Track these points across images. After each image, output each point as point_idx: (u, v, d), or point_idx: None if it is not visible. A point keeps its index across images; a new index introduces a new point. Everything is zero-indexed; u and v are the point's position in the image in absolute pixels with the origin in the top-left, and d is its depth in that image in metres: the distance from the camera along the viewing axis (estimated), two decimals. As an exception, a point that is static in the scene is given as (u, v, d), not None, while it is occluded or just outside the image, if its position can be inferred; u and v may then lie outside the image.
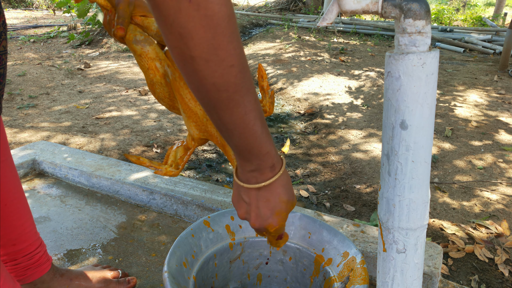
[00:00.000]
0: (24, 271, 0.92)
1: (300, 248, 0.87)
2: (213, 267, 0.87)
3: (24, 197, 0.91)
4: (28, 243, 0.91)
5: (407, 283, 0.55)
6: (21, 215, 0.89)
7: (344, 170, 2.18)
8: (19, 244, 0.89)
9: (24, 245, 0.90)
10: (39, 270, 0.94)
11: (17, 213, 0.88)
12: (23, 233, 0.90)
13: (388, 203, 0.53)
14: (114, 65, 4.25)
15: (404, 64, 0.46)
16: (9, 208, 0.86)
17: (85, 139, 2.40)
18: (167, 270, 0.71)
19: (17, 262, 0.90)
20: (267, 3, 9.53)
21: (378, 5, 0.46)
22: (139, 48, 0.75)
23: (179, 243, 0.80)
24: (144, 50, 0.76)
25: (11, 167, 0.86)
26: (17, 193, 0.88)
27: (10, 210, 0.86)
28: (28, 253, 0.91)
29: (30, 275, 0.93)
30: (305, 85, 3.76)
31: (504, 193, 1.88)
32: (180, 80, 0.76)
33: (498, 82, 3.70)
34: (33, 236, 0.93)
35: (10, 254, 0.89)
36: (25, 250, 0.91)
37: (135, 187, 1.43)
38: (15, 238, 0.89)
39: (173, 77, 0.77)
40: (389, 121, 0.50)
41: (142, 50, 0.75)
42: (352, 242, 0.81)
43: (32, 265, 0.92)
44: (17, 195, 0.88)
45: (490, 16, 8.51)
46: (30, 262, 0.92)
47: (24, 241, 0.90)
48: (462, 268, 1.41)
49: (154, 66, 0.77)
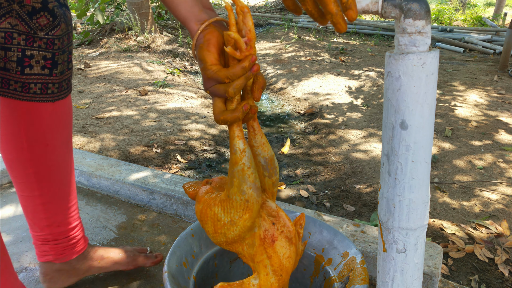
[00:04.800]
0: (62, 250, 0.97)
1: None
2: (213, 267, 0.87)
3: (74, 182, 0.96)
4: (70, 226, 0.97)
5: (407, 283, 0.55)
6: (70, 199, 0.95)
7: (344, 170, 2.18)
8: (63, 226, 0.95)
9: (67, 227, 0.96)
10: (76, 251, 0.99)
11: (67, 197, 0.94)
12: (68, 216, 0.95)
13: (388, 203, 0.53)
14: (114, 65, 4.25)
15: (404, 64, 0.46)
16: (62, 191, 0.92)
17: (85, 139, 2.40)
18: (167, 270, 0.71)
19: (58, 242, 0.96)
20: (267, 3, 9.53)
21: (378, 5, 0.46)
22: (254, 197, 0.61)
23: (179, 243, 0.80)
24: (258, 201, 0.63)
25: (70, 154, 0.91)
26: (70, 178, 0.93)
27: (63, 194, 0.92)
28: (69, 235, 0.97)
29: (68, 255, 0.98)
30: (305, 85, 3.76)
31: (504, 193, 1.88)
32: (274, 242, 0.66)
33: (498, 82, 3.70)
34: (75, 219, 0.98)
35: (54, 234, 0.94)
36: (66, 232, 0.96)
37: (135, 187, 1.43)
38: (61, 220, 0.94)
39: (265, 233, 0.66)
40: (389, 121, 0.50)
41: (256, 200, 0.62)
42: (352, 242, 0.81)
43: (70, 246, 0.98)
44: (70, 179, 0.93)
45: (490, 16, 8.51)
46: (69, 243, 0.97)
47: (68, 224, 0.96)
48: (462, 268, 1.41)
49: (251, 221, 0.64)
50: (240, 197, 0.60)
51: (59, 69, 0.78)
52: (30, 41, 0.72)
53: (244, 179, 0.60)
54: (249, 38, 0.53)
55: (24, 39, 0.71)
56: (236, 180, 0.60)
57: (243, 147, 0.59)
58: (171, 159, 2.27)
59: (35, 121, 0.81)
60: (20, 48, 0.71)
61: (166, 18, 6.55)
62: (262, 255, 0.66)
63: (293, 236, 0.67)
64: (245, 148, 0.60)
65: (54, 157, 0.87)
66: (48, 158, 0.86)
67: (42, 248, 0.96)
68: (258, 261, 0.66)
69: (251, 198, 0.60)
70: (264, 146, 0.66)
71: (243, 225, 0.62)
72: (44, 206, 0.91)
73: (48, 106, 0.81)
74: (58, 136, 0.86)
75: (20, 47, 0.71)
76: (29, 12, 0.70)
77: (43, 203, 0.90)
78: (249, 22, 0.54)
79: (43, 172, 0.87)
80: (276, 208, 0.68)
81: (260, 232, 0.65)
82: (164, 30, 5.85)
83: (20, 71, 0.73)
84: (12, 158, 0.85)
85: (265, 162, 0.67)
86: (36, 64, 0.74)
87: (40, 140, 0.84)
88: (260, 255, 0.66)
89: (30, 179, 0.87)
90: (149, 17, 5.32)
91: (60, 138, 0.87)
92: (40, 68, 0.75)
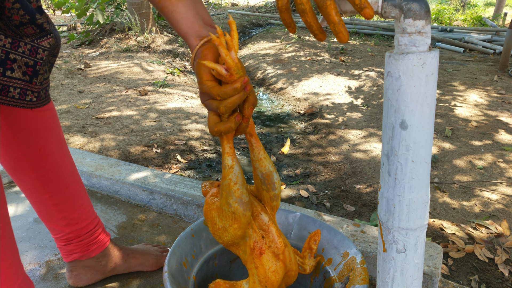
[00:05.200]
0: (87, 246, 1.01)
1: (300, 247, 0.87)
2: (213, 267, 0.87)
3: (81, 180, 1.00)
4: (89, 221, 1.01)
5: (407, 283, 0.55)
6: (80, 196, 0.98)
7: (344, 170, 2.18)
8: (81, 222, 0.99)
9: (86, 223, 1.00)
10: (100, 245, 1.03)
11: (77, 194, 0.97)
12: (83, 212, 0.99)
13: (388, 203, 0.53)
14: (114, 65, 4.25)
15: (404, 64, 0.46)
16: (70, 190, 0.95)
17: (85, 139, 2.40)
18: (167, 270, 0.71)
19: (81, 239, 1.00)
20: (267, 3, 9.53)
21: (378, 5, 0.46)
22: (240, 211, 0.64)
23: (179, 243, 0.80)
24: (245, 214, 0.65)
25: (68, 154, 0.95)
26: (75, 177, 0.97)
27: (71, 192, 0.96)
28: (89, 230, 1.01)
29: (93, 250, 1.02)
30: (305, 85, 3.76)
31: (504, 193, 1.88)
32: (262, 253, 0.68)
33: (498, 82, 3.70)
34: (92, 215, 1.02)
35: (75, 232, 0.98)
36: (86, 228, 1.00)
37: (135, 187, 1.43)
38: (77, 217, 0.98)
39: (254, 245, 0.68)
40: (389, 121, 0.50)
41: (242, 213, 0.64)
42: (352, 242, 0.81)
43: (93, 241, 1.02)
44: (75, 178, 0.97)
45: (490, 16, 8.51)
46: (92, 238, 1.01)
47: (85, 220, 0.99)
48: (462, 268, 1.41)
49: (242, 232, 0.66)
50: (227, 209, 0.64)
51: (39, 78, 0.81)
52: (15, 45, 0.74)
53: (230, 193, 0.63)
54: (228, 67, 0.55)
55: (10, 42, 0.73)
56: (224, 193, 0.64)
57: (231, 163, 0.63)
58: (171, 159, 2.27)
59: (20, 128, 0.83)
60: (4, 51, 0.73)
61: (166, 18, 6.54)
62: (251, 264, 0.69)
63: (281, 253, 0.69)
64: (233, 165, 0.63)
65: (50, 160, 0.90)
66: (45, 161, 0.89)
67: (67, 248, 1.00)
68: (249, 268, 0.69)
69: (237, 211, 0.64)
70: (262, 161, 0.69)
71: (233, 233, 0.65)
72: (57, 207, 0.94)
73: (29, 112, 0.83)
74: (49, 140, 0.89)
75: (5, 49, 0.73)
76: (16, 25, 0.72)
77: (55, 204, 0.94)
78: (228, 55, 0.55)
79: (45, 175, 0.90)
80: (267, 223, 0.70)
81: (250, 242, 0.68)
82: (164, 30, 5.84)
83: (1, 73, 0.74)
84: (13, 168, 0.88)
85: (263, 177, 0.69)
86: (18, 69, 0.76)
87: (31, 146, 0.86)
88: (250, 263, 0.69)
89: (35, 184, 0.90)
90: (149, 17, 5.32)
91: (52, 141, 0.89)
92: (21, 73, 0.77)
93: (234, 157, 0.63)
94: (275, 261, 0.69)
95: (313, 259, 0.80)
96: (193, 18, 0.60)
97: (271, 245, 0.69)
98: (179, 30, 0.61)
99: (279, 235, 0.69)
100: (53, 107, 0.91)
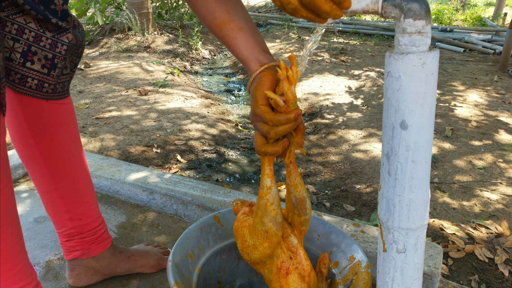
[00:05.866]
0: (88, 245, 1.01)
1: (309, 249, 0.87)
2: (221, 261, 0.87)
3: (90, 179, 1.01)
4: (92, 219, 1.01)
5: (407, 283, 0.55)
6: (87, 192, 0.99)
7: (344, 170, 2.18)
8: (85, 219, 0.99)
9: (89, 220, 1.00)
10: (102, 246, 1.04)
11: (84, 190, 0.98)
12: (88, 209, 1.00)
13: (388, 203, 0.53)
14: (114, 65, 4.25)
15: (404, 64, 0.46)
16: (77, 185, 0.96)
17: (85, 139, 2.40)
18: (171, 259, 0.72)
19: (83, 236, 1.00)
20: (267, 3, 9.53)
21: (378, 5, 0.46)
22: (273, 230, 0.67)
23: (187, 235, 0.80)
24: (277, 234, 0.68)
25: (79, 149, 0.97)
26: (83, 173, 0.98)
27: (78, 187, 0.97)
28: (92, 228, 1.01)
29: (94, 249, 1.02)
30: (305, 85, 3.76)
31: (504, 193, 1.88)
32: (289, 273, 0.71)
33: (498, 82, 3.70)
34: (96, 214, 1.03)
35: (77, 228, 0.99)
36: (89, 225, 1.01)
37: (135, 187, 1.43)
38: (81, 213, 0.99)
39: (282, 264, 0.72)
40: (389, 121, 0.50)
41: (274, 233, 0.68)
42: (359, 246, 0.81)
43: (95, 240, 1.02)
44: (83, 174, 0.98)
45: (490, 16, 8.52)
46: (94, 237, 1.02)
47: (88, 217, 1.00)
48: (462, 268, 1.41)
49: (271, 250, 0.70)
50: (261, 227, 0.67)
51: (57, 72, 0.84)
52: (38, 39, 0.78)
53: (266, 213, 0.67)
54: (286, 99, 0.60)
55: (34, 36, 0.78)
56: (259, 212, 0.67)
57: (270, 185, 0.67)
58: (171, 159, 2.27)
59: (33, 116, 0.86)
60: (27, 43, 0.77)
61: (166, 18, 6.55)
62: (276, 283, 0.71)
63: (307, 275, 0.72)
64: (271, 186, 0.67)
65: (61, 151, 0.92)
66: (56, 152, 0.91)
67: (68, 245, 1.00)
68: (273, 287, 0.72)
69: (270, 230, 0.67)
70: (297, 187, 0.71)
71: (263, 252, 0.68)
72: (63, 199, 0.95)
73: (44, 103, 0.86)
74: (61, 132, 0.91)
75: (28, 42, 0.77)
76: (39, 20, 0.78)
77: (61, 196, 0.95)
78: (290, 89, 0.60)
79: (55, 166, 0.92)
80: (296, 245, 0.73)
81: (278, 262, 0.71)
82: (164, 30, 5.84)
83: (22, 63, 0.79)
84: (25, 155, 0.91)
85: (296, 202, 0.72)
86: (38, 61, 0.80)
87: (44, 135, 0.89)
88: (275, 283, 0.71)
89: (44, 173, 0.92)
90: (149, 17, 5.32)
91: (64, 134, 0.92)
92: (40, 66, 0.81)
93: (273, 179, 0.67)
94: (300, 282, 0.71)
95: (325, 282, 0.82)
96: (252, 44, 0.65)
97: (298, 266, 0.71)
98: (239, 56, 0.66)
99: (307, 258, 0.72)
100: (71, 103, 0.93)
